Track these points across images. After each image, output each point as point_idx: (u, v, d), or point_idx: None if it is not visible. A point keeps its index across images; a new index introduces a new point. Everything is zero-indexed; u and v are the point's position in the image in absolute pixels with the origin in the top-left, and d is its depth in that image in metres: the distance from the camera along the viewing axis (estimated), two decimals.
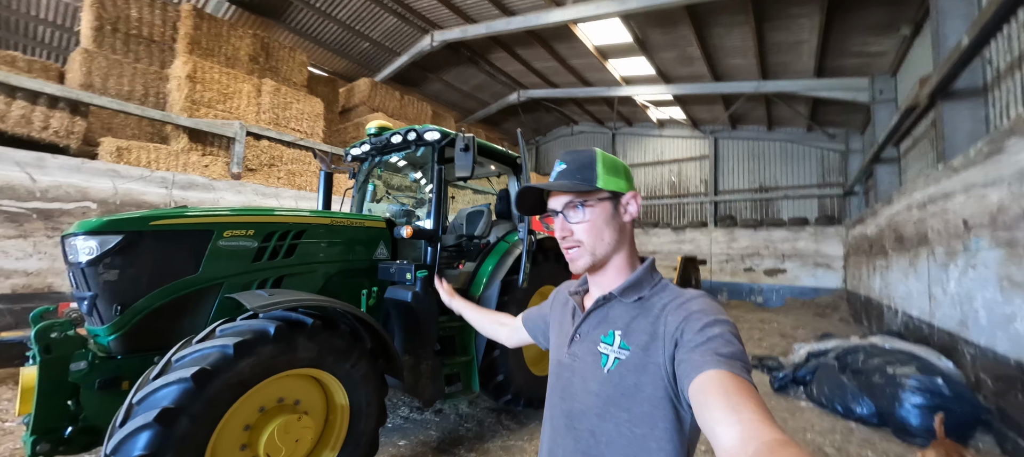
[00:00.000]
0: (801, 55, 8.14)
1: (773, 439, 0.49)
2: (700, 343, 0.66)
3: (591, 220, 0.82)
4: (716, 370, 0.60)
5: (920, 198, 4.50)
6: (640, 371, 0.73)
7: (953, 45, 4.12)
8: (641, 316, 0.78)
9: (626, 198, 0.85)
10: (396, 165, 3.94)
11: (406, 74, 11.32)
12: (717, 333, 0.66)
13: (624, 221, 0.85)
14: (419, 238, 2.90)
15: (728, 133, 13.49)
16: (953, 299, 3.65)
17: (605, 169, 0.83)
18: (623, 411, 0.73)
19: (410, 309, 2.66)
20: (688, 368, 0.64)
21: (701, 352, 0.64)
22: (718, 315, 0.70)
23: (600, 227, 0.82)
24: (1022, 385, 2.56)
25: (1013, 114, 3.70)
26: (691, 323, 0.69)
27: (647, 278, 0.83)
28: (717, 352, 0.63)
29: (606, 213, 0.83)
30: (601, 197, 0.83)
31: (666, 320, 0.73)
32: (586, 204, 0.83)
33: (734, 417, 0.54)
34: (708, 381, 0.60)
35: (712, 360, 0.62)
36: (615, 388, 0.74)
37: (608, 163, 0.85)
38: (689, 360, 0.65)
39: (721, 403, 0.56)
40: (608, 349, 0.78)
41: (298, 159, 7.26)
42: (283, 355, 1.85)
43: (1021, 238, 2.56)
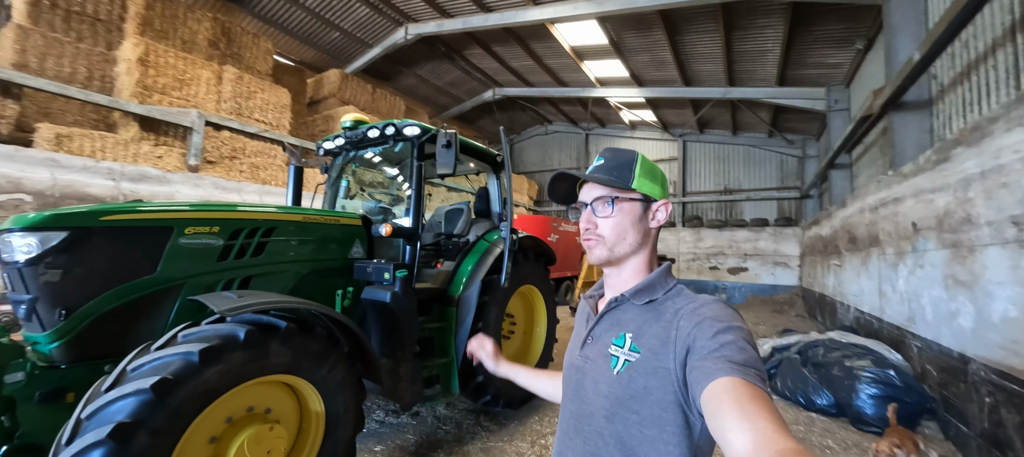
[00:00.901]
0: (765, 64, 8.54)
1: (787, 448, 0.48)
2: (713, 350, 0.65)
3: (617, 218, 0.83)
4: (729, 377, 0.59)
5: (872, 202, 4.81)
6: (650, 374, 0.72)
7: (903, 60, 4.43)
8: (653, 320, 0.78)
9: (657, 204, 0.85)
10: (371, 161, 3.80)
11: (379, 67, 11.00)
12: (730, 339, 0.65)
13: (650, 226, 0.85)
14: (398, 237, 2.81)
15: (696, 136, 13.99)
16: (902, 296, 3.92)
17: (642, 172, 0.84)
18: (632, 413, 0.73)
19: (388, 310, 2.57)
20: (700, 375, 0.63)
21: (714, 359, 0.63)
22: (731, 321, 0.69)
23: (625, 226, 0.83)
24: (964, 376, 2.79)
25: (955, 126, 4.02)
26: (704, 329, 0.68)
27: (661, 282, 0.83)
28: (730, 359, 0.62)
29: (634, 214, 0.83)
30: (632, 197, 0.83)
31: (678, 325, 0.72)
32: (617, 201, 0.83)
33: (747, 425, 0.53)
34: (721, 388, 0.59)
35: (725, 367, 0.61)
36: (624, 390, 0.74)
37: (646, 167, 0.85)
38: (702, 367, 0.64)
39: (734, 411, 0.55)
40: (618, 351, 0.78)
41: (262, 152, 6.90)
42: (254, 362, 1.72)
43: (965, 240, 2.78)
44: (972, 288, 2.69)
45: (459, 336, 3.08)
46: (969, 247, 2.72)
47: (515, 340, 4.01)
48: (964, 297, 2.79)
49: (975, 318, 2.65)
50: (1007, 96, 3.22)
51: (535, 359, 3.94)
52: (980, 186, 2.59)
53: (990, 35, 3.44)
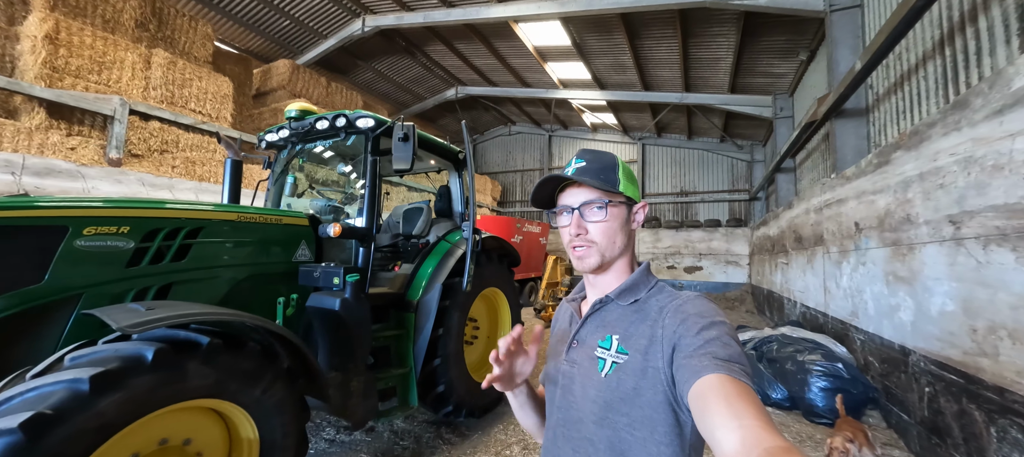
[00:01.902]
0: (718, 71, 8.93)
1: (775, 446, 0.48)
2: (698, 347, 0.65)
3: (609, 222, 0.81)
4: (716, 374, 0.59)
5: (817, 203, 5.09)
6: (639, 375, 0.71)
7: (844, 70, 4.72)
8: (638, 319, 0.77)
9: (637, 207, 0.86)
10: (321, 155, 3.50)
11: (334, 59, 10.45)
12: (714, 335, 0.65)
13: (632, 228, 0.86)
14: (349, 237, 2.57)
15: (654, 140, 14.46)
16: (845, 292, 4.15)
17: (624, 175, 0.84)
18: (622, 416, 0.72)
19: (338, 319, 2.33)
20: (687, 373, 0.63)
21: (699, 356, 0.63)
22: (715, 317, 0.69)
23: (615, 230, 0.82)
24: (905, 367, 2.95)
25: (890, 132, 4.32)
26: (688, 326, 0.68)
27: (643, 281, 0.83)
28: (715, 356, 0.62)
29: (622, 217, 0.83)
30: (621, 201, 0.83)
31: (664, 323, 0.72)
32: (609, 205, 0.81)
33: (735, 422, 0.53)
34: (708, 386, 0.59)
35: (710, 364, 0.61)
36: (614, 393, 0.73)
37: (626, 171, 0.86)
38: (688, 365, 0.64)
39: (722, 408, 0.55)
40: (606, 353, 0.77)
41: (200, 145, 6.28)
42: (166, 386, 1.45)
43: (904, 239, 2.94)
44: (912, 284, 2.85)
45: (418, 344, 2.87)
46: (908, 245, 2.89)
47: (478, 346, 3.85)
48: (904, 292, 2.95)
49: (915, 312, 2.81)
50: (936, 104, 3.48)
51: None
52: (919, 187, 2.74)
53: (921, 48, 3.71)
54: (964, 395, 2.28)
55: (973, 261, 2.21)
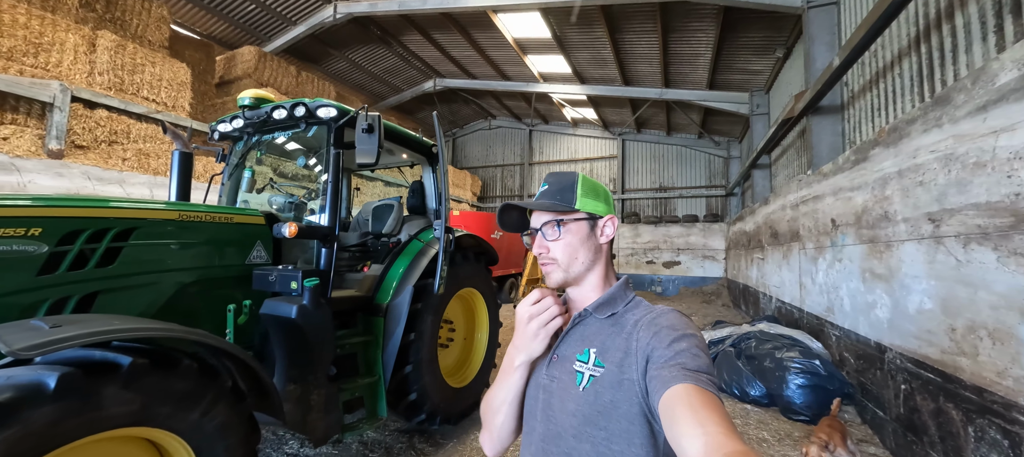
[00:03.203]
0: (697, 67, 8.96)
1: (735, 451, 0.51)
2: (669, 358, 0.67)
3: (566, 239, 0.85)
4: (684, 385, 0.62)
5: (793, 199, 5.13)
6: (615, 388, 0.73)
7: (821, 66, 4.74)
8: (615, 332, 0.79)
9: (603, 221, 0.87)
10: (282, 148, 3.25)
11: (305, 48, 9.97)
12: (684, 347, 0.68)
13: (600, 242, 0.87)
14: (308, 237, 2.35)
15: (634, 136, 14.51)
16: (821, 288, 4.18)
17: (583, 192, 0.87)
18: (600, 429, 0.73)
19: (296, 327, 2.12)
20: (657, 384, 0.65)
21: (669, 367, 0.66)
22: (685, 330, 0.72)
23: (575, 246, 0.84)
24: (881, 363, 2.96)
25: (864, 129, 4.36)
26: (660, 339, 0.70)
27: (621, 295, 0.85)
28: (684, 367, 0.65)
29: (582, 233, 0.85)
30: (578, 218, 0.85)
31: (638, 336, 0.74)
32: (563, 224, 0.85)
33: (699, 430, 0.55)
34: (675, 396, 0.61)
35: (679, 375, 0.63)
36: (591, 406, 0.75)
37: (587, 186, 0.88)
38: (659, 376, 0.66)
39: (687, 416, 0.57)
40: (583, 367, 0.79)
41: (154, 136, 5.84)
42: (75, 417, 1.24)
43: (882, 236, 2.94)
44: (889, 281, 2.84)
45: (387, 350, 2.69)
46: (886, 242, 2.88)
47: (454, 348, 3.68)
48: (881, 289, 2.95)
49: (892, 309, 2.81)
50: (912, 102, 3.50)
51: (476, 367, 3.64)
52: (897, 184, 2.72)
53: (897, 46, 3.73)
54: (941, 394, 2.27)
55: (953, 260, 2.19)
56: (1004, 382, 1.84)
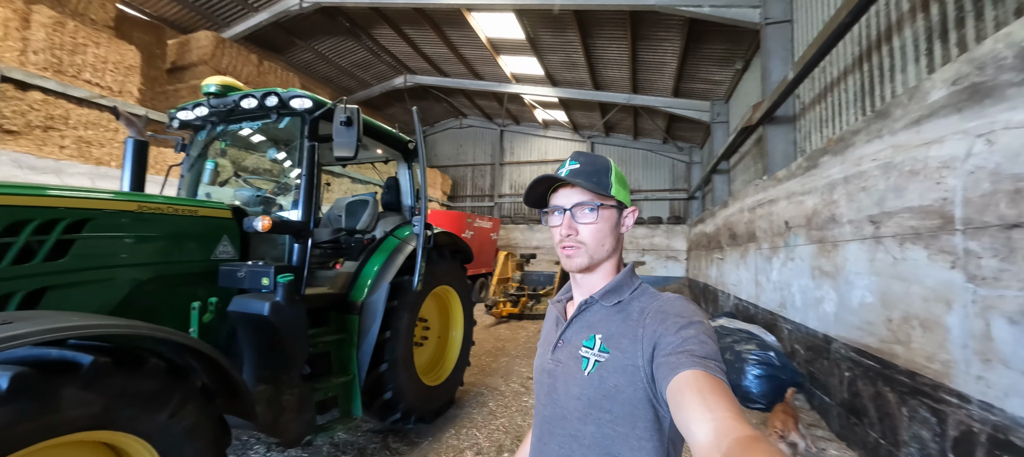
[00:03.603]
0: (663, 75, 9.34)
1: (745, 435, 0.51)
2: (677, 345, 0.68)
3: (599, 225, 0.83)
4: (691, 371, 0.62)
5: (751, 202, 5.47)
6: (619, 373, 0.75)
7: (776, 79, 5.09)
8: (621, 320, 0.80)
9: (627, 211, 0.88)
10: (248, 139, 3.10)
11: (268, 36, 9.52)
12: (692, 334, 0.68)
13: (621, 232, 0.88)
14: (281, 232, 2.27)
15: (603, 139, 14.90)
16: (775, 285, 4.49)
17: (616, 179, 0.86)
18: (604, 412, 0.75)
19: (268, 325, 2.04)
20: (665, 371, 0.66)
21: (677, 354, 0.66)
22: (693, 317, 0.72)
23: (605, 233, 0.84)
24: (827, 353, 3.22)
25: (813, 138, 4.72)
26: (668, 326, 0.71)
27: (627, 282, 0.85)
28: (693, 353, 0.65)
29: (612, 221, 0.85)
30: (611, 205, 0.85)
31: (644, 323, 0.75)
32: (600, 208, 0.83)
33: (708, 415, 0.55)
34: (684, 381, 0.62)
35: (687, 361, 0.64)
36: (596, 390, 0.76)
37: (618, 175, 0.88)
38: (666, 363, 0.66)
39: (696, 402, 0.58)
40: (589, 352, 0.80)
41: (97, 123, 5.38)
42: (30, 421, 1.14)
43: (829, 237, 3.20)
44: (835, 278, 3.10)
45: (362, 349, 2.63)
46: (833, 242, 3.14)
47: (428, 347, 3.65)
48: (828, 286, 3.22)
49: (837, 304, 3.07)
50: (855, 115, 3.83)
51: (451, 365, 3.63)
52: (843, 190, 2.98)
53: (842, 63, 4.07)
54: (880, 379, 2.52)
55: (890, 257, 2.43)
56: (933, 366, 2.07)
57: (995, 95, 1.73)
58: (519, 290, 9.25)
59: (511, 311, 8.35)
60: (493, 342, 6.24)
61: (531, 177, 16.11)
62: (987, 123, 1.76)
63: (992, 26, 2.36)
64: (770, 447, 0.49)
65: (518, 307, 8.45)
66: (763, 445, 0.49)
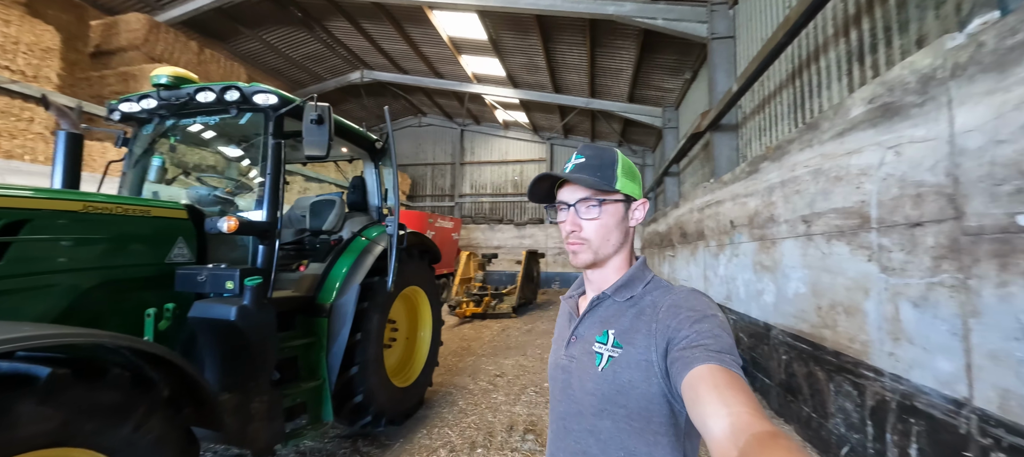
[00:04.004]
0: (619, 81, 9.77)
1: (763, 431, 0.50)
2: (691, 340, 0.66)
3: (603, 220, 0.82)
4: (707, 365, 0.61)
5: (699, 203, 5.89)
6: (633, 368, 0.74)
7: (722, 90, 5.52)
8: (634, 315, 0.79)
9: (636, 204, 0.85)
10: (202, 135, 2.92)
11: (210, 22, 8.84)
12: (707, 328, 0.67)
13: (629, 225, 0.86)
14: (247, 233, 2.17)
15: (561, 141, 15.28)
16: (722, 279, 4.88)
17: (623, 172, 0.84)
18: (619, 407, 0.74)
19: (235, 330, 1.95)
20: (680, 366, 0.65)
21: (692, 349, 0.65)
22: (707, 310, 0.71)
23: (610, 228, 0.83)
24: (767, 340, 3.58)
25: (754, 145, 5.18)
26: (682, 320, 0.70)
27: (639, 277, 0.84)
28: (707, 347, 0.64)
29: (618, 215, 0.83)
30: (617, 199, 0.83)
31: (658, 318, 0.74)
32: (603, 203, 0.82)
33: (724, 410, 0.54)
34: (699, 376, 0.60)
35: (702, 355, 0.63)
36: (610, 386, 0.76)
37: (626, 167, 0.85)
38: (681, 358, 0.65)
39: (712, 396, 0.57)
40: (602, 348, 0.79)
41: (6, 111, 4.76)
42: None
43: (769, 235, 3.56)
44: (774, 272, 3.45)
45: (332, 352, 2.58)
46: (772, 240, 3.49)
47: (397, 348, 3.61)
48: (768, 279, 3.57)
49: (776, 295, 3.42)
50: (788, 126, 4.26)
51: (420, 366, 3.62)
52: (780, 192, 3.33)
53: (778, 79, 4.51)
54: (811, 360, 2.85)
55: (819, 252, 2.76)
56: (854, 346, 2.39)
57: (902, 113, 2.04)
58: (482, 290, 9.29)
59: (474, 311, 8.37)
60: (458, 342, 6.24)
61: (492, 177, 16.21)
62: (895, 137, 2.07)
63: (899, 53, 2.76)
64: (790, 443, 0.47)
65: (481, 307, 8.49)
66: (783, 442, 0.47)
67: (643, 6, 6.28)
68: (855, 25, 3.23)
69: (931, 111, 1.84)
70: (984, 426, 1.57)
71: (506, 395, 3.96)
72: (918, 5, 2.60)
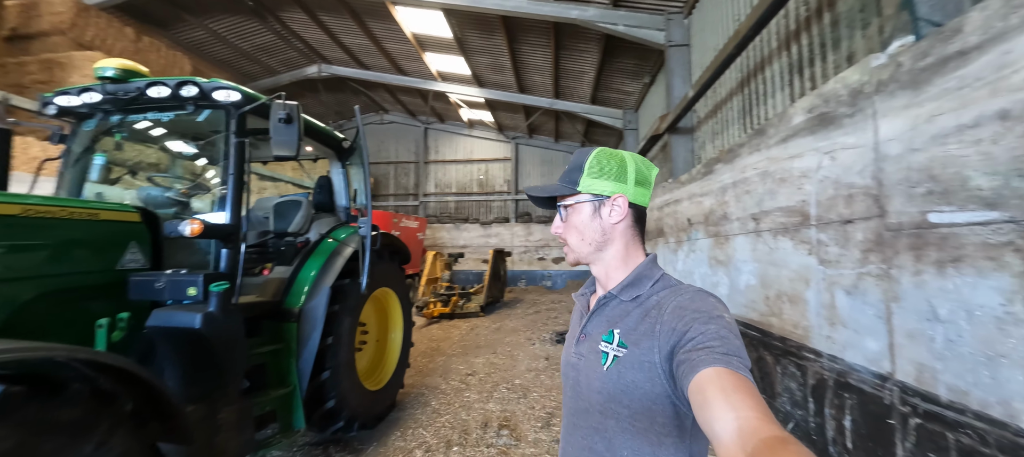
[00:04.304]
0: (582, 83, 10.03)
1: (772, 436, 0.49)
2: (697, 342, 0.65)
3: (571, 221, 0.86)
4: (714, 368, 0.60)
5: (659, 202, 6.21)
6: (636, 369, 0.74)
7: (679, 95, 5.84)
8: (639, 315, 0.79)
9: (609, 199, 0.83)
10: (149, 132, 2.74)
11: (149, 7, 8.16)
12: (713, 330, 0.66)
13: (609, 223, 0.84)
14: (211, 237, 2.08)
15: (526, 140, 15.44)
16: (680, 274, 5.18)
17: (590, 171, 0.84)
18: (624, 407, 0.75)
19: (200, 339, 1.86)
20: (686, 369, 0.63)
21: (698, 351, 0.64)
22: (714, 311, 0.70)
23: (580, 229, 0.85)
24: None
25: (708, 148, 5.53)
26: (688, 322, 0.69)
27: (647, 275, 0.84)
28: (714, 350, 0.63)
29: (584, 215, 0.84)
30: (579, 201, 0.85)
31: (662, 319, 0.73)
32: (567, 207, 0.86)
33: (732, 414, 0.53)
34: (706, 379, 0.59)
35: (709, 358, 0.61)
36: (615, 385, 0.76)
37: (595, 165, 0.84)
38: (688, 360, 0.64)
39: (719, 400, 0.56)
40: (608, 347, 0.79)
41: None
42: None
43: (722, 231, 3.83)
44: (727, 265, 3.73)
45: (303, 357, 2.51)
46: (725, 236, 3.77)
47: (367, 351, 3.56)
48: (722, 272, 3.85)
49: (729, 287, 3.69)
50: (738, 131, 4.60)
51: (391, 368, 3.58)
52: (733, 192, 3.60)
53: (728, 87, 4.85)
54: (761, 345, 3.12)
55: (767, 247, 3.03)
56: (797, 331, 2.64)
57: (835, 122, 2.29)
58: (449, 290, 9.24)
59: (442, 311, 8.32)
60: (427, 343, 6.19)
61: (457, 176, 16.11)
62: (830, 144, 2.32)
63: (833, 68, 3.07)
64: (800, 448, 0.46)
65: (449, 307, 8.45)
66: (792, 447, 0.46)
67: (605, 12, 6.50)
68: (796, 40, 3.55)
69: (860, 121, 2.09)
70: (904, 396, 1.82)
71: (479, 393, 4.00)
72: (848, 25, 2.91)
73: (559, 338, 6.15)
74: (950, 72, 1.61)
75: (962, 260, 1.56)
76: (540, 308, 9.51)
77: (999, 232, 1.44)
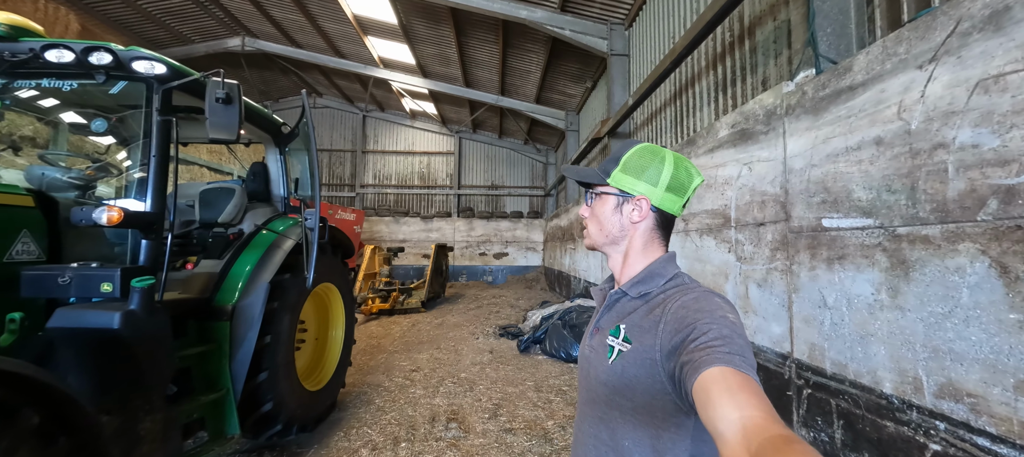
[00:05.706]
0: (528, 82, 10.23)
1: (777, 435, 0.48)
2: (701, 342, 0.65)
3: (595, 209, 0.89)
4: (718, 367, 0.59)
5: None
6: (638, 365, 0.75)
7: (619, 102, 6.23)
8: (645, 312, 0.80)
9: (634, 201, 0.84)
10: (40, 102, 2.34)
11: None
12: (716, 330, 0.66)
13: (630, 221, 0.85)
14: (131, 226, 1.84)
15: (470, 135, 15.36)
16: None
17: (625, 166, 0.85)
18: (626, 400, 0.77)
19: (118, 341, 1.66)
20: (690, 368, 0.63)
21: (701, 351, 0.63)
22: (717, 311, 0.70)
23: (601, 219, 0.88)
24: None
25: None
26: (691, 322, 0.69)
27: (659, 273, 0.84)
28: (717, 349, 0.62)
29: (607, 208, 0.87)
30: (607, 192, 0.87)
31: (665, 319, 0.74)
32: (595, 195, 0.89)
33: (736, 413, 0.53)
34: (710, 379, 0.59)
35: (712, 357, 0.61)
36: (618, 379, 0.78)
37: (631, 161, 0.85)
38: (691, 360, 0.63)
39: (723, 399, 0.55)
40: (615, 342, 0.81)
41: None
42: None
43: None
44: None
45: (237, 358, 2.33)
46: None
47: (306, 350, 3.36)
48: None
49: None
50: (671, 137, 5.03)
51: (332, 367, 3.42)
52: None
53: (662, 98, 5.28)
54: None
55: (694, 245, 3.38)
56: None
57: (753, 138, 2.63)
58: (388, 285, 8.94)
59: (381, 307, 8.05)
60: (367, 340, 5.97)
61: (397, 167, 15.57)
62: (749, 156, 2.66)
63: (751, 89, 3.50)
64: (806, 448, 0.46)
65: (388, 302, 8.20)
66: (797, 446, 0.46)
67: (553, 15, 6.70)
68: (721, 62, 3.97)
69: (772, 138, 2.43)
70: (800, 371, 2.17)
71: (424, 389, 3.97)
72: (764, 53, 3.34)
73: (502, 332, 6.28)
74: (842, 102, 1.95)
75: (845, 258, 1.90)
76: (482, 303, 9.58)
77: (872, 235, 1.78)
